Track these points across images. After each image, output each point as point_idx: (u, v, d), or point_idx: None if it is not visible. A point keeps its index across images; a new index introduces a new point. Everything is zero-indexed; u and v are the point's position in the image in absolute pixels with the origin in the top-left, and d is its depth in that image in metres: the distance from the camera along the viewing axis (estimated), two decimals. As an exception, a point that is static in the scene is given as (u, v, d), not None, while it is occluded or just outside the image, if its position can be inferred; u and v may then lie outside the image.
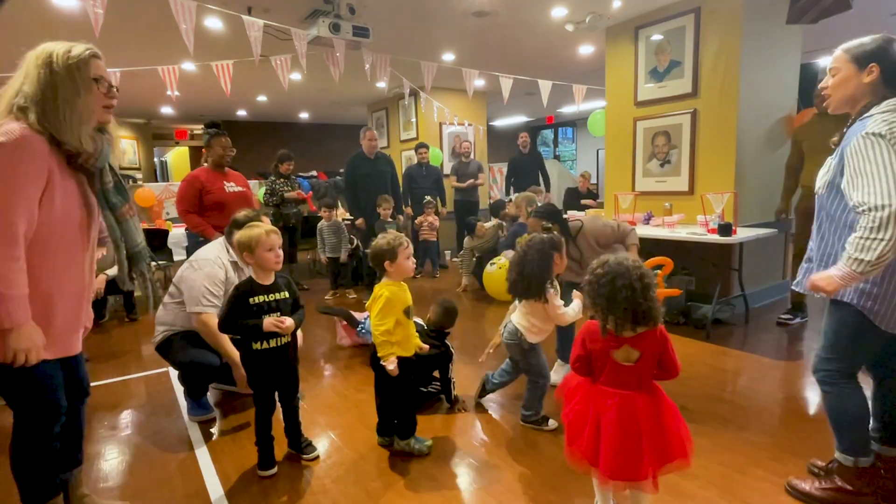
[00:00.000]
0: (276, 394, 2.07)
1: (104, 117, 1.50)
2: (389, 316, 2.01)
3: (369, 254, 2.14)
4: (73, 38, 1.50)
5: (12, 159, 1.28)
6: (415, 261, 2.12)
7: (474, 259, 5.14)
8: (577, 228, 2.78)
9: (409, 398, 2.19)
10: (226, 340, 2.41)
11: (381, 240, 2.08)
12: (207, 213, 3.34)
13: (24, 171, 1.30)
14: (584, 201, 6.69)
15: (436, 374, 2.67)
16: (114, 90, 1.50)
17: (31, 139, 1.32)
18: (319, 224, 5.14)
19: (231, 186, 3.42)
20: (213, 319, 2.33)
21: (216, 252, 2.58)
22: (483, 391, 2.60)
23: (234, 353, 2.35)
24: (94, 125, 1.46)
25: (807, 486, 1.77)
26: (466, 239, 5.24)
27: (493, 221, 5.37)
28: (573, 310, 2.20)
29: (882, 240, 1.37)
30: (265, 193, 5.31)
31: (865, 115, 1.54)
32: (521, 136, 6.62)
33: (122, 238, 1.58)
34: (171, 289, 2.60)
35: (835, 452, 1.74)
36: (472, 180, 6.30)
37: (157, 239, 5.45)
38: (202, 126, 4.59)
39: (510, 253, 3.58)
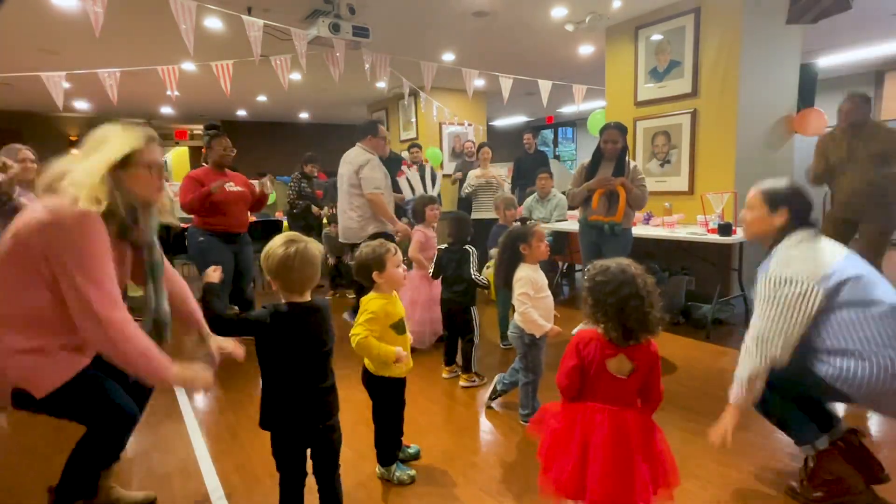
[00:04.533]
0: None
1: (155, 197, 1.55)
2: (370, 328, 1.77)
3: (353, 265, 1.91)
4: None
5: (95, 232, 1.37)
6: (405, 268, 1.95)
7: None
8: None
9: (397, 422, 2.01)
10: (390, 213, 3.55)
11: (364, 248, 1.85)
12: (207, 212, 3.34)
13: (104, 240, 1.39)
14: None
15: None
16: (165, 172, 1.60)
17: (95, 216, 1.38)
18: (326, 230, 5.21)
19: (231, 186, 3.42)
20: (382, 198, 3.50)
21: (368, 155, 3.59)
22: (494, 393, 2.57)
23: (397, 225, 3.58)
24: (147, 206, 1.53)
25: (803, 486, 1.78)
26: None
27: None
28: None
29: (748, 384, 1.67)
30: (290, 194, 5.32)
31: (774, 251, 1.71)
32: (526, 137, 6.62)
33: (154, 308, 1.63)
34: (353, 189, 3.57)
35: (800, 451, 1.79)
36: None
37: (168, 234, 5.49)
38: (202, 127, 4.59)
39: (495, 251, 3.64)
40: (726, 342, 3.46)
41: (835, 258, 1.61)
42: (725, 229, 3.42)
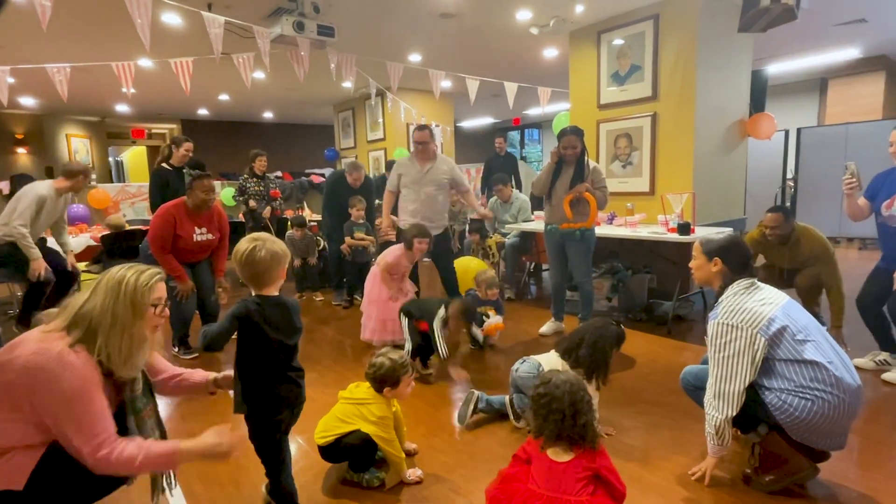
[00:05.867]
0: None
1: (152, 334, 1.50)
2: (389, 429, 1.94)
3: (368, 371, 1.99)
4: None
5: (82, 376, 1.31)
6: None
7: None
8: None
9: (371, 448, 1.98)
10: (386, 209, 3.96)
11: (386, 361, 1.96)
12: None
13: (91, 379, 1.34)
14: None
15: None
16: (166, 310, 1.49)
17: (85, 359, 1.33)
18: (289, 233, 5.11)
19: (201, 234, 3.26)
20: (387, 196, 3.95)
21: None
22: (474, 410, 2.41)
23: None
24: (142, 344, 1.45)
25: (755, 472, 1.87)
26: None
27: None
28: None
29: (718, 436, 1.81)
30: (236, 191, 5.22)
31: (720, 298, 1.87)
32: (497, 140, 6.73)
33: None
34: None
35: (747, 439, 1.91)
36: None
37: (130, 240, 5.28)
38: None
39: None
40: (686, 338, 3.58)
41: (774, 307, 1.75)
42: (684, 228, 3.54)
